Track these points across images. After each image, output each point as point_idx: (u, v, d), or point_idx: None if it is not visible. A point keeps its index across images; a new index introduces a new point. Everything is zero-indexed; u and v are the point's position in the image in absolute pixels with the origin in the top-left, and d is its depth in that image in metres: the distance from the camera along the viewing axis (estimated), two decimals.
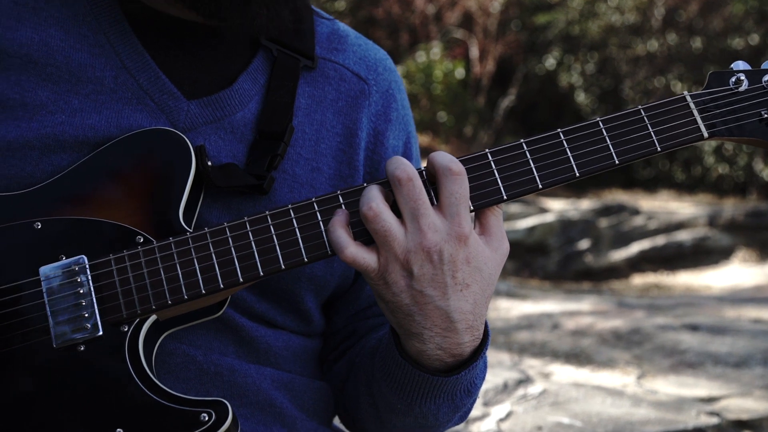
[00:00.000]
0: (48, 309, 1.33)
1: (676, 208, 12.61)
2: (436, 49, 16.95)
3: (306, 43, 1.60)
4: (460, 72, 16.64)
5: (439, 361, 1.38)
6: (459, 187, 1.33)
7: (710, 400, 4.56)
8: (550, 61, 17.69)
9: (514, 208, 10.51)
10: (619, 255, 10.43)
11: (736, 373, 5.12)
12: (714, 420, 4.09)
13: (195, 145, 1.44)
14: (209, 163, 1.44)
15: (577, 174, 1.40)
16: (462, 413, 1.53)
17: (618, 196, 14.41)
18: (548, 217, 10.65)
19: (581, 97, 17.29)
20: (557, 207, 11.67)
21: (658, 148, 1.42)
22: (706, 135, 1.44)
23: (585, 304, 7.70)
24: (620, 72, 16.98)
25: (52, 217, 1.38)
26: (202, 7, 1.45)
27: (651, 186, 15.96)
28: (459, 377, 1.40)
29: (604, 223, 10.93)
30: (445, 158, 1.34)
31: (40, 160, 1.41)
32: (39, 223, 1.37)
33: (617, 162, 1.42)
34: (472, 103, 17.41)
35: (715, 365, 5.28)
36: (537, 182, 1.39)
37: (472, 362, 1.40)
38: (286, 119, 1.53)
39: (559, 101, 18.11)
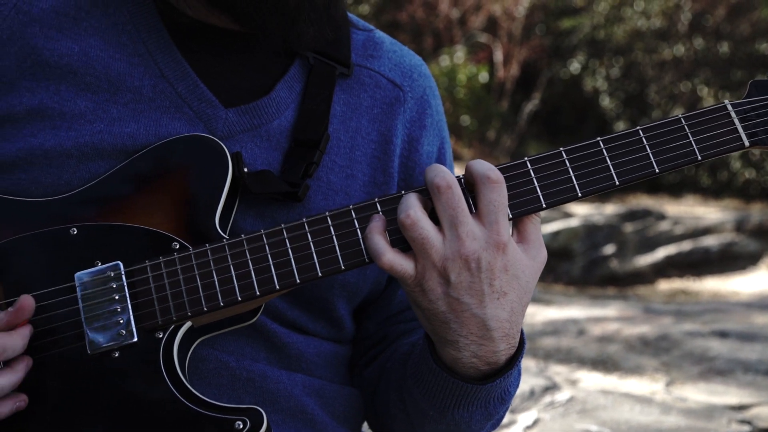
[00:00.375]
0: (83, 315, 1.33)
1: (703, 213, 12.51)
2: (459, 53, 16.93)
3: (342, 50, 1.60)
4: (483, 76, 16.62)
5: (473, 369, 1.38)
6: (497, 195, 1.32)
7: (741, 408, 4.51)
8: (575, 66, 17.61)
9: None
10: (645, 260, 10.35)
11: (767, 380, 5.07)
12: (745, 428, 4.05)
13: (232, 152, 1.43)
14: (245, 170, 1.44)
15: (617, 183, 1.39)
16: (494, 421, 1.52)
17: (643, 201, 14.31)
18: (573, 222, 10.59)
19: (606, 102, 17.20)
20: (582, 212, 11.61)
21: (699, 157, 1.41)
22: (747, 144, 1.43)
23: (611, 309, 7.66)
24: (646, 76, 16.88)
25: (88, 223, 1.38)
26: (247, 21, 1.46)
27: (676, 191, 15.83)
28: (493, 385, 1.40)
29: (629, 228, 10.85)
30: (484, 166, 1.34)
31: (78, 168, 1.41)
32: (75, 229, 1.38)
33: (657, 171, 1.41)
34: (496, 108, 17.37)
35: (745, 372, 5.23)
36: (576, 191, 1.39)
37: (507, 370, 1.39)
38: (322, 127, 1.53)
39: (584, 106, 18.02)
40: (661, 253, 10.40)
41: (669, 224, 11.04)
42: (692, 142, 1.41)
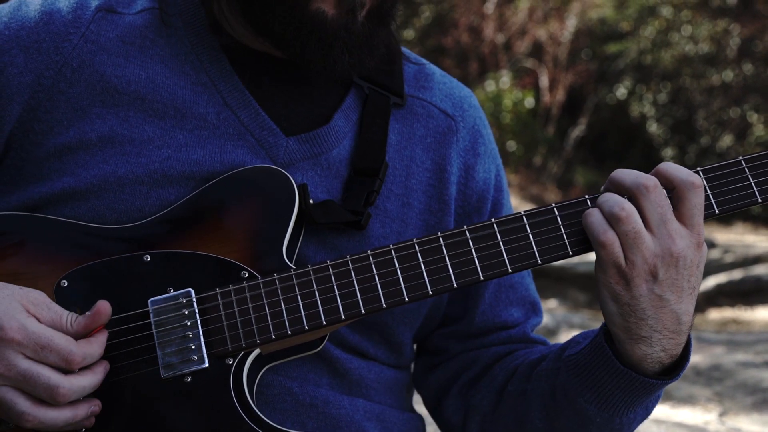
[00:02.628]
0: (156, 340, 1.38)
1: (753, 241, 12.32)
2: (505, 78, 16.93)
3: (395, 81, 1.65)
4: (529, 101, 16.58)
5: (658, 364, 1.41)
6: (700, 198, 1.37)
7: None
8: (621, 91, 17.52)
9: None
10: None
11: None
12: None
13: (298, 184, 1.47)
14: (311, 201, 1.47)
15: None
16: (634, 425, 1.54)
17: None
18: None
19: (653, 128, 17.07)
20: None
21: (759, 199, 1.44)
22: None
23: None
24: (694, 102, 16.74)
25: (161, 251, 1.43)
26: (288, 48, 1.50)
27: (726, 218, 15.61)
28: (676, 378, 1.44)
29: None
30: (683, 172, 1.39)
31: (149, 195, 1.46)
32: (148, 256, 1.42)
33: (717, 212, 1.44)
34: (542, 133, 17.31)
35: None
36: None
37: (685, 361, 1.43)
38: (380, 156, 1.56)
39: (631, 131, 17.90)
40: (712, 281, 10.23)
41: (719, 252, 10.87)
42: (752, 183, 1.43)
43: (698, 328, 8.88)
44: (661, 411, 5.04)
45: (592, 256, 1.39)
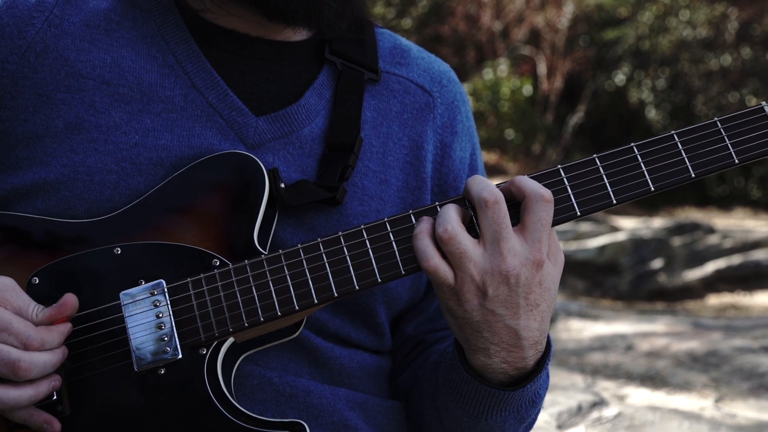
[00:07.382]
0: (129, 333, 1.35)
1: (753, 226, 12.30)
2: (503, 66, 16.91)
3: (369, 56, 1.63)
4: (527, 89, 16.56)
5: (503, 374, 1.39)
6: (547, 214, 1.34)
7: None
8: (620, 77, 17.49)
9: (584, 226, 10.35)
10: (694, 275, 10.18)
11: None
12: None
13: (268, 168, 1.46)
14: (282, 185, 1.45)
15: (652, 188, 1.39)
16: (527, 424, 1.53)
17: (691, 214, 14.11)
18: (619, 236, 10.46)
19: (652, 114, 17.04)
20: (629, 225, 11.49)
21: (736, 161, 1.40)
22: None
23: (659, 324, 7.56)
24: (692, 87, 16.71)
25: (131, 243, 1.40)
26: (264, 4, 1.48)
27: (726, 203, 15.60)
28: (524, 390, 1.41)
29: (677, 241, 10.70)
30: (535, 184, 1.35)
31: (118, 184, 1.44)
32: (119, 249, 1.40)
33: (693, 175, 1.40)
34: (540, 121, 17.30)
35: None
36: (611, 198, 1.38)
37: (536, 374, 1.41)
38: (355, 131, 1.55)
39: (630, 117, 17.88)
40: (711, 267, 10.23)
41: (718, 238, 10.85)
42: (729, 145, 1.39)
43: (696, 314, 8.90)
44: (657, 397, 5.04)
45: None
